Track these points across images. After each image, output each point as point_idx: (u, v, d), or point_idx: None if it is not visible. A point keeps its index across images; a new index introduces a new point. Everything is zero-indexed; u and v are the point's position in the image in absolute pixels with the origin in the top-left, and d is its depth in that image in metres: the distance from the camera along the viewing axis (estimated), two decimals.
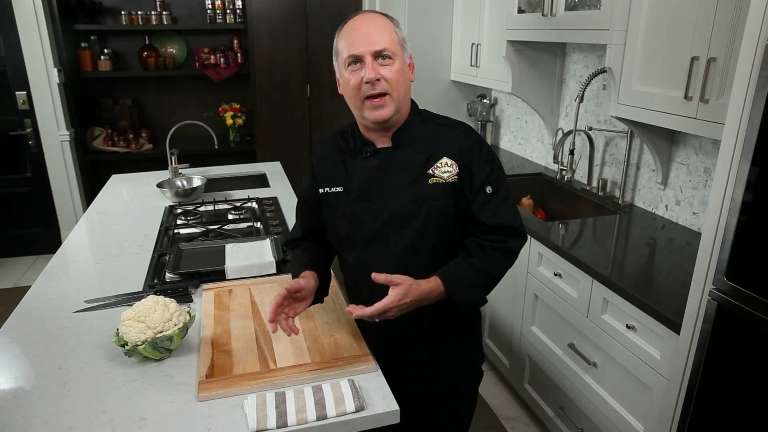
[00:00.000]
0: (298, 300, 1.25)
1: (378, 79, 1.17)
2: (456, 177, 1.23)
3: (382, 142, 1.28)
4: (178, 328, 1.26)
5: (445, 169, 1.23)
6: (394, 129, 1.26)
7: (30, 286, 1.64)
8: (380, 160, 1.27)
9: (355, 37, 1.18)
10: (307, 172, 1.39)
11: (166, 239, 1.98)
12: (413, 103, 1.31)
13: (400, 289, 1.14)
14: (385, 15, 1.24)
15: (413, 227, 1.24)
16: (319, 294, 1.34)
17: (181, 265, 1.73)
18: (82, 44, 3.97)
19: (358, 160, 1.29)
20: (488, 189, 1.24)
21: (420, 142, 1.26)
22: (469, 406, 1.50)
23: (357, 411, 1.08)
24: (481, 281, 1.23)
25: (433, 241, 1.26)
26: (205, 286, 1.59)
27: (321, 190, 1.33)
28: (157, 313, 1.24)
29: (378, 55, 1.18)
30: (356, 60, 1.19)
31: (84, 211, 3.87)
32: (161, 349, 1.24)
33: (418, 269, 1.21)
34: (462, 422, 1.49)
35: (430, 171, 1.24)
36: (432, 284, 1.19)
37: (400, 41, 1.22)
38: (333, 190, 1.31)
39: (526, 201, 2.70)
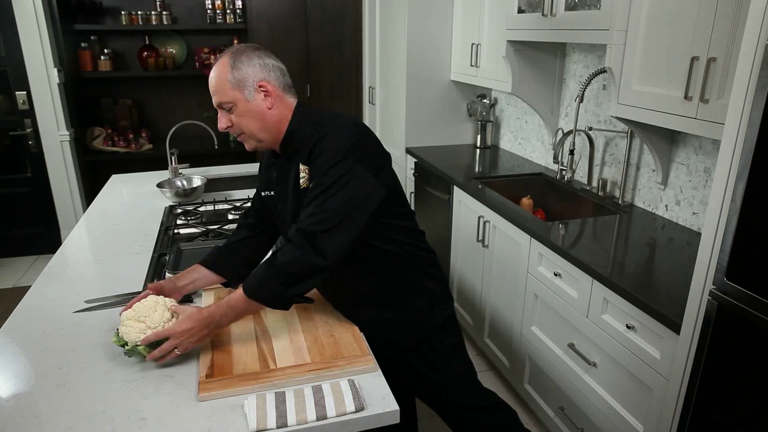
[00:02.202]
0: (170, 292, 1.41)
1: (228, 126, 1.31)
2: (309, 183, 1.27)
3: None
4: None
5: (302, 175, 1.30)
6: (278, 144, 1.34)
7: (30, 286, 1.64)
8: (278, 169, 1.38)
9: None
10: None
11: (166, 239, 1.98)
12: (297, 113, 1.33)
13: (182, 317, 1.23)
14: (227, 55, 1.28)
15: None
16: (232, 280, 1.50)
17: (181, 265, 1.73)
18: (82, 44, 3.97)
19: (273, 169, 1.42)
20: (316, 191, 1.23)
21: (303, 150, 1.29)
22: (445, 356, 1.49)
23: (357, 411, 1.08)
24: (273, 276, 1.21)
25: None
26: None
27: (262, 193, 1.48)
28: (157, 313, 1.24)
29: (220, 107, 1.30)
30: None
31: (84, 211, 3.88)
32: None
33: None
34: (445, 371, 1.48)
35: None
36: (223, 300, 1.25)
37: (236, 83, 1.27)
38: (269, 193, 1.45)
39: (526, 201, 2.70)
